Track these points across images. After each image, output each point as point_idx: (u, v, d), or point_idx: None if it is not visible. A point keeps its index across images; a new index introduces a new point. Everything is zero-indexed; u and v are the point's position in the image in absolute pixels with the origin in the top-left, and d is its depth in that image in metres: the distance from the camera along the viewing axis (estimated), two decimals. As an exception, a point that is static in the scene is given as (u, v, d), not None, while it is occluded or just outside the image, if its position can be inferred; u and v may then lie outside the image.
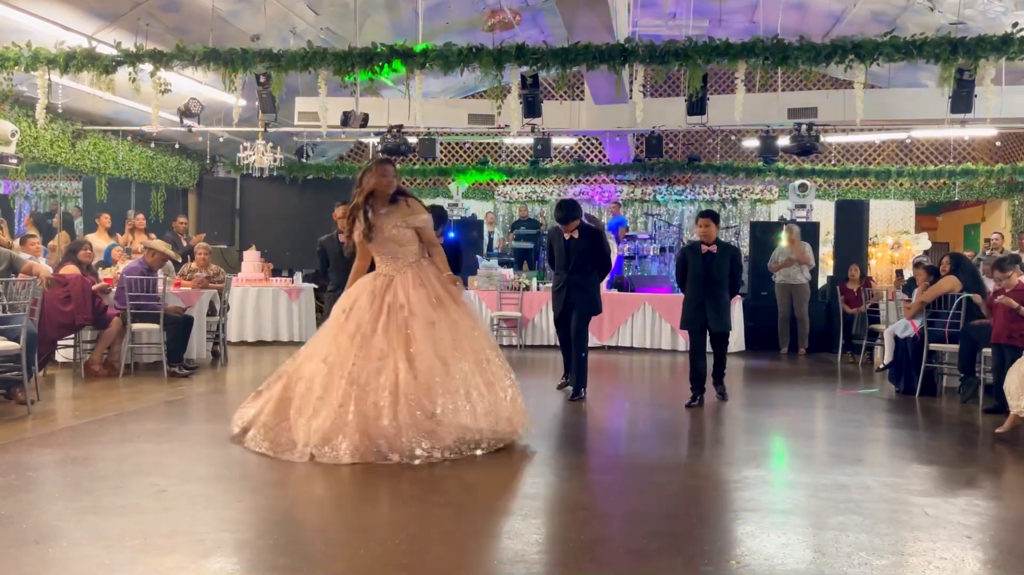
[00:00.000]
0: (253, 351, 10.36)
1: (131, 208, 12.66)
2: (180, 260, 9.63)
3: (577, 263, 7.12)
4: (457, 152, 16.91)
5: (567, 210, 7.13)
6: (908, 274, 11.52)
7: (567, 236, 7.15)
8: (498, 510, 4.04)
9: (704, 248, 6.89)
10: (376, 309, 5.03)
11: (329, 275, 7.37)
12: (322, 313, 8.70)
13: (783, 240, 11.50)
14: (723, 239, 14.92)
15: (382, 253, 5.23)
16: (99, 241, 10.38)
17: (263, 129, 10.80)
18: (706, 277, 6.84)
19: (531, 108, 9.26)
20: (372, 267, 5.41)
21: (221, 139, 13.15)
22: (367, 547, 3.41)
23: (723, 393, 7.20)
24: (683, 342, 11.02)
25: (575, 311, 7.17)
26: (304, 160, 14.37)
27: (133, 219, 11.77)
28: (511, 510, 4.02)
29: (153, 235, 10.70)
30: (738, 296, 11.11)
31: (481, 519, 3.84)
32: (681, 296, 7.03)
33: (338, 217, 7.39)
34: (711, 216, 6.97)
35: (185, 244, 11.34)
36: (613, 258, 10.53)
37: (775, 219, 14.20)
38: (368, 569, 3.16)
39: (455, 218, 13.89)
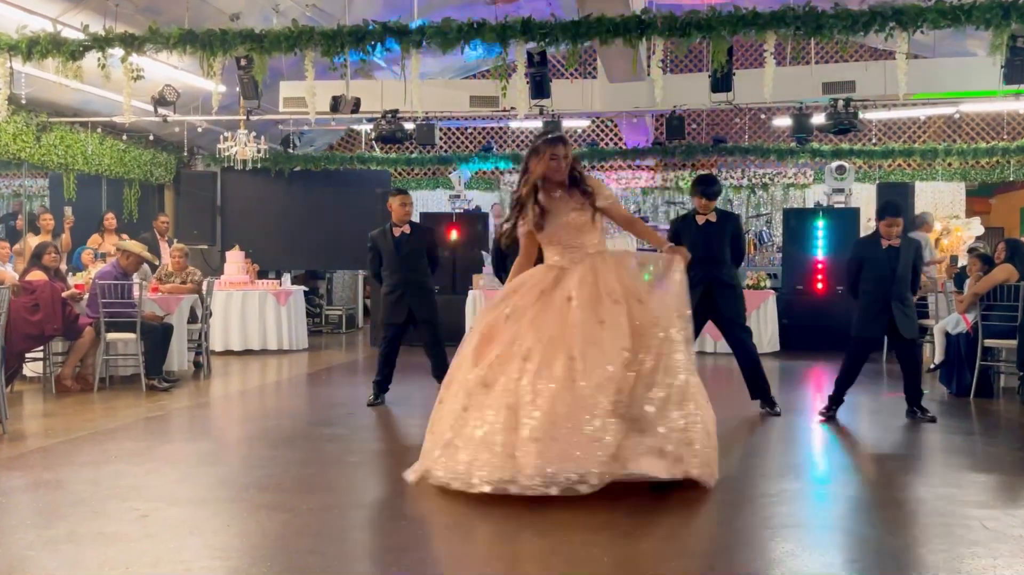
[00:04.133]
0: (239, 361, 10.39)
1: (68, 206, 12.39)
2: (157, 263, 9.64)
3: (717, 253, 6.74)
4: (458, 138, 16.92)
5: (714, 182, 6.95)
6: (963, 261, 11.44)
7: (702, 221, 6.81)
8: (512, 529, 4.02)
9: (885, 243, 6.63)
10: (539, 308, 4.64)
11: (381, 275, 7.16)
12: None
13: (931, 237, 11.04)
14: (755, 228, 15.07)
15: (554, 243, 4.80)
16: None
17: (245, 117, 10.83)
18: (891, 276, 6.56)
19: (539, 88, 9.25)
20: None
21: (199, 129, 13.17)
22: (369, 573, 3.42)
23: (926, 413, 6.63)
24: (712, 342, 11.00)
25: (725, 315, 6.74)
26: (291, 150, 14.39)
27: (68, 218, 11.64)
28: (529, 527, 4.02)
29: (125, 235, 10.71)
30: (772, 292, 11.14)
31: (493, 541, 3.84)
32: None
33: (394, 207, 7.08)
34: (897, 213, 6.66)
35: (168, 247, 11.34)
36: None
37: (810, 205, 14.15)
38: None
39: (458, 210, 13.90)
